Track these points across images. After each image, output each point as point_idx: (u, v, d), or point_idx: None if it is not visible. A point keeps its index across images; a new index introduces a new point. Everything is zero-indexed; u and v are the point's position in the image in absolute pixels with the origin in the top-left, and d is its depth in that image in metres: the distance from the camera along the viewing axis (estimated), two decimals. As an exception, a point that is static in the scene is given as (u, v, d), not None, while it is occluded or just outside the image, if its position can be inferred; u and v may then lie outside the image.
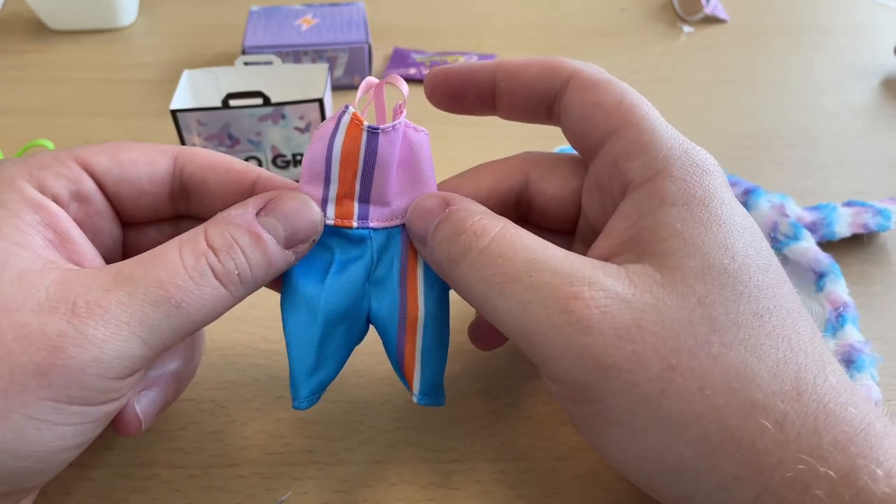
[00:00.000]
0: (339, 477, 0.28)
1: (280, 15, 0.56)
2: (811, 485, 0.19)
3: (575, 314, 0.20)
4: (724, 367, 0.20)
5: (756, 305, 0.21)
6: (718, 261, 0.21)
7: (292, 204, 0.24)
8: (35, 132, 0.49)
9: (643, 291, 0.21)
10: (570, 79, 0.24)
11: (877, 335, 0.34)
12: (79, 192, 0.24)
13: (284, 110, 0.41)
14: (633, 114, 0.23)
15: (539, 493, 0.27)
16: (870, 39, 0.62)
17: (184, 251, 0.22)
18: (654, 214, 0.22)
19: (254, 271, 0.23)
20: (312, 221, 0.24)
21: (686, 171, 0.22)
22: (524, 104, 0.26)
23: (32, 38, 0.62)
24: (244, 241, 0.22)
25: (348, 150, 0.24)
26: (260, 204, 0.23)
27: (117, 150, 0.25)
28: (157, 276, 0.21)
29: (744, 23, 0.65)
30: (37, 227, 0.22)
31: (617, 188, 0.23)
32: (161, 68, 0.58)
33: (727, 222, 0.22)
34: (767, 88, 0.55)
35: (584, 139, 0.25)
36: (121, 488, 0.27)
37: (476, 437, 0.29)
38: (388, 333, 0.26)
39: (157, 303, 0.21)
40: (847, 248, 0.39)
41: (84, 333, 0.20)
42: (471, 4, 0.69)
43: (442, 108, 0.27)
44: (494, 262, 0.22)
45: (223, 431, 0.30)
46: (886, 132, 0.50)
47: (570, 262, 0.21)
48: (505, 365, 0.32)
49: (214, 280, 0.22)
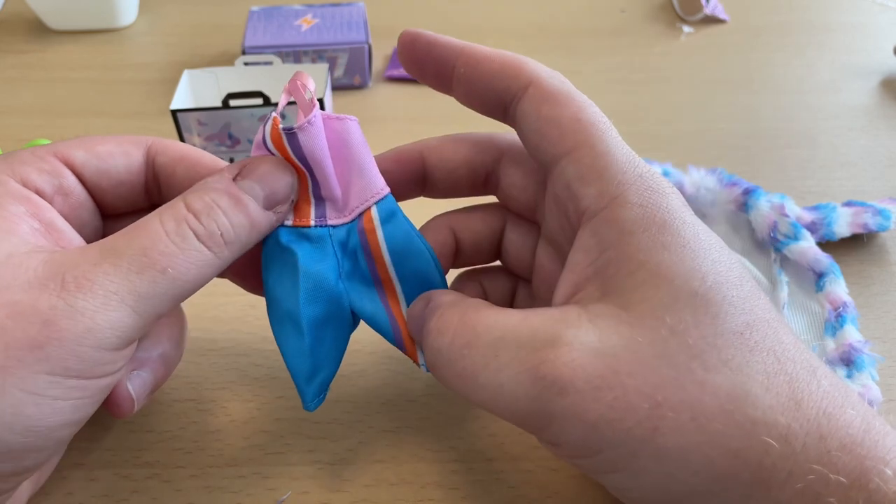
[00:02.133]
0: (339, 477, 0.28)
1: (280, 15, 0.56)
2: (823, 493, 0.19)
3: (547, 379, 0.20)
4: (713, 392, 0.19)
5: (734, 322, 0.20)
6: (687, 286, 0.20)
7: (267, 166, 0.24)
8: (35, 132, 0.49)
9: (610, 334, 0.20)
10: (529, 85, 0.23)
11: (877, 335, 0.34)
12: (61, 186, 0.24)
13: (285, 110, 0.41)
14: (590, 134, 0.22)
15: (539, 493, 0.27)
16: (870, 39, 0.62)
17: (164, 218, 0.22)
18: (616, 246, 0.21)
19: (237, 231, 0.23)
20: (288, 181, 0.24)
21: (642, 195, 0.22)
22: (479, 97, 0.25)
23: (32, 38, 0.62)
24: (224, 203, 0.23)
25: (281, 151, 0.24)
26: (235, 170, 0.24)
27: (93, 143, 0.25)
28: (141, 245, 0.21)
29: (744, 23, 0.65)
30: (23, 217, 0.22)
31: (572, 213, 0.23)
32: (161, 68, 0.58)
33: (691, 243, 0.21)
34: (767, 88, 0.55)
35: (539, 153, 0.24)
36: (121, 488, 0.27)
37: (476, 437, 0.29)
38: (382, 327, 0.26)
39: (143, 270, 0.21)
40: (847, 248, 0.39)
41: (74, 306, 0.20)
42: (471, 4, 0.69)
43: (407, 71, 0.26)
44: (461, 355, 0.22)
45: (223, 431, 0.30)
46: (886, 132, 0.50)
47: (529, 326, 0.21)
48: (505, 365, 0.32)
49: (197, 242, 0.22)
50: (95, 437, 0.29)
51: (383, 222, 0.25)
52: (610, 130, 0.23)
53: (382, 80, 0.56)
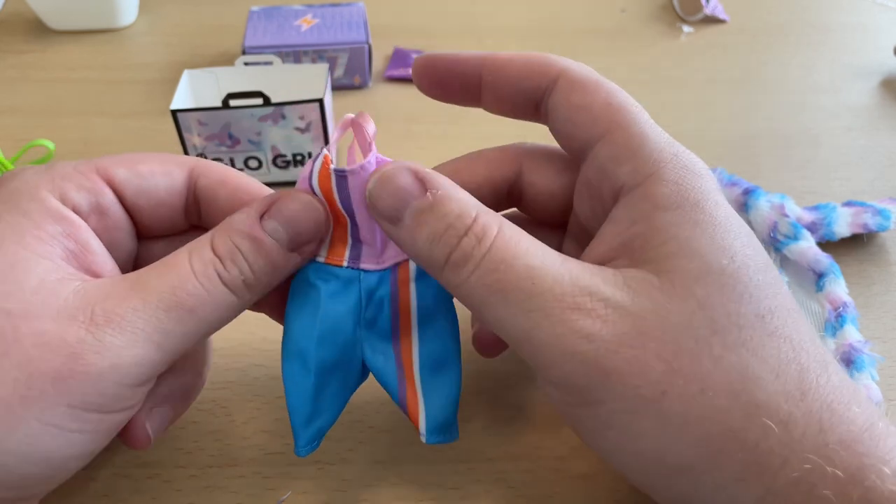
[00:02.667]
0: (339, 477, 0.28)
1: (280, 15, 0.56)
2: (818, 485, 0.19)
3: (577, 323, 0.20)
4: (725, 369, 0.20)
5: (757, 306, 0.20)
6: (717, 262, 0.21)
7: (294, 205, 0.23)
8: (35, 132, 0.49)
9: (642, 297, 0.20)
10: (558, 77, 0.24)
11: (876, 335, 0.34)
12: (99, 204, 0.24)
13: (285, 110, 0.41)
14: (622, 116, 0.23)
15: (539, 493, 0.27)
16: (870, 39, 0.62)
17: (193, 258, 0.22)
18: (648, 219, 0.22)
19: (258, 276, 0.23)
20: (316, 221, 0.24)
21: (678, 174, 0.22)
22: (510, 100, 0.25)
23: (32, 38, 0.62)
24: (246, 248, 0.23)
25: (325, 193, 0.24)
26: (263, 207, 0.23)
27: (136, 161, 0.25)
28: (170, 283, 0.21)
29: (744, 23, 0.65)
30: (58, 238, 0.22)
31: (607, 193, 0.23)
32: (161, 68, 0.58)
33: (723, 223, 0.21)
34: (767, 88, 0.55)
35: (572, 141, 0.24)
36: (122, 488, 0.27)
37: (476, 438, 0.29)
38: (388, 384, 0.25)
39: (171, 309, 0.21)
40: (847, 248, 0.39)
41: (102, 341, 0.20)
42: (471, 4, 0.69)
43: (428, 95, 0.26)
44: (496, 268, 0.21)
45: (223, 431, 0.30)
46: (886, 132, 0.50)
47: (569, 270, 0.21)
48: (505, 366, 0.32)
49: (223, 286, 0.22)
50: (95, 437, 0.29)
51: (418, 278, 0.25)
52: (642, 113, 0.23)
53: (382, 80, 0.56)
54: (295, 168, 0.44)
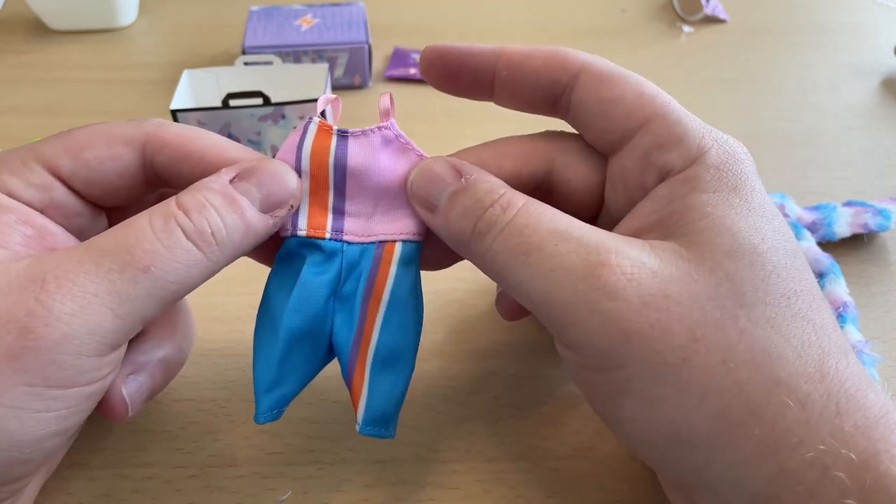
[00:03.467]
0: (339, 477, 0.28)
1: (280, 15, 0.56)
2: (831, 467, 0.19)
3: (601, 280, 0.20)
4: (749, 343, 0.20)
5: (784, 286, 0.21)
6: (748, 241, 0.21)
7: (268, 168, 0.23)
8: (35, 132, 0.49)
9: (669, 264, 0.21)
10: (580, 73, 0.24)
11: (877, 335, 0.34)
12: (52, 199, 0.23)
13: (284, 110, 0.41)
14: (658, 106, 0.23)
15: (539, 493, 0.27)
16: (869, 39, 0.62)
17: (153, 215, 0.21)
18: (685, 199, 0.22)
19: (230, 232, 0.22)
20: (288, 185, 0.23)
21: (720, 159, 0.22)
22: (527, 96, 0.25)
23: (32, 38, 0.62)
24: (218, 202, 0.22)
25: (317, 157, 0.24)
26: (234, 172, 0.23)
27: (80, 147, 0.23)
28: (125, 241, 0.20)
29: (744, 23, 0.65)
30: (13, 226, 0.22)
31: (651, 180, 0.23)
32: (161, 68, 0.58)
33: (757, 208, 0.22)
34: (767, 88, 0.55)
35: (606, 134, 0.24)
36: (122, 488, 0.27)
37: (476, 437, 0.29)
38: (342, 355, 0.25)
39: (124, 268, 0.20)
40: (847, 248, 0.39)
41: (51, 309, 0.19)
42: (471, 4, 0.69)
43: (437, 87, 0.26)
44: (520, 232, 0.21)
45: (223, 431, 0.30)
46: (886, 132, 0.50)
47: (595, 234, 0.21)
48: (505, 365, 0.32)
49: (185, 240, 0.21)
50: (95, 437, 0.29)
51: (401, 263, 0.25)
52: (673, 101, 0.24)
53: (382, 80, 0.56)
54: (295, 168, 0.44)
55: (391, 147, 0.24)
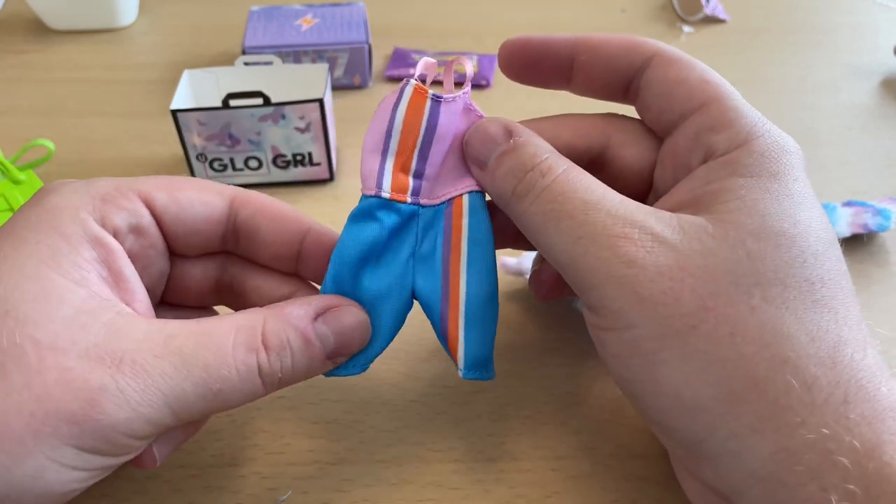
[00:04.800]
0: (339, 477, 0.28)
1: (280, 15, 0.56)
2: (834, 451, 0.19)
3: (622, 249, 0.21)
4: (760, 319, 0.20)
5: (810, 272, 0.21)
6: (777, 224, 0.21)
7: (349, 319, 0.24)
8: (35, 132, 0.49)
9: (692, 239, 0.21)
10: (654, 56, 0.25)
11: (877, 335, 0.34)
12: (138, 225, 0.24)
13: (285, 110, 0.41)
14: (719, 91, 0.24)
15: (539, 493, 0.27)
16: (870, 39, 0.62)
17: (237, 340, 0.22)
18: (722, 181, 0.22)
19: (294, 375, 0.23)
20: (362, 340, 0.25)
21: (766, 146, 0.23)
22: (603, 79, 0.26)
23: (32, 38, 0.62)
24: (296, 346, 0.23)
25: (410, 120, 0.25)
26: (321, 308, 0.24)
27: (176, 187, 0.25)
28: (205, 359, 0.21)
29: (744, 23, 0.65)
30: (93, 264, 0.22)
31: (696, 161, 0.24)
32: (161, 68, 0.58)
33: (795, 196, 0.22)
34: (767, 88, 0.55)
35: (665, 114, 0.25)
36: (122, 488, 0.27)
37: (476, 437, 0.29)
38: (433, 310, 0.26)
39: (199, 385, 0.21)
40: (847, 248, 0.38)
41: (124, 393, 0.20)
42: (471, 4, 0.69)
43: (514, 78, 0.27)
44: (554, 198, 0.23)
45: (223, 431, 0.30)
46: (886, 132, 0.50)
47: (625, 206, 0.22)
48: (505, 365, 0.32)
49: (257, 377, 0.22)
50: (95, 437, 0.29)
51: (471, 212, 0.26)
52: (734, 90, 0.24)
53: (382, 80, 0.56)
54: (295, 168, 0.44)
55: (465, 112, 0.26)
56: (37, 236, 0.22)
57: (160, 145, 0.48)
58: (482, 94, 0.55)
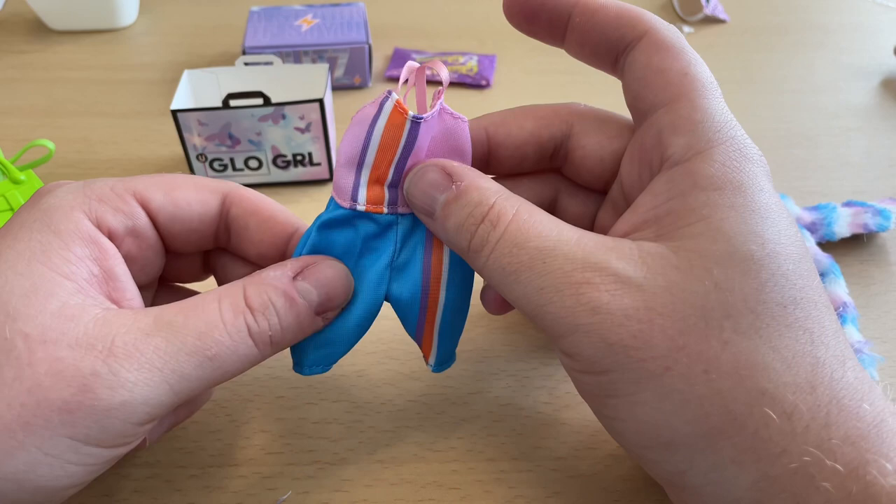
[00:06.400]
0: (339, 477, 0.28)
1: (280, 15, 0.56)
2: (817, 476, 0.19)
3: (585, 297, 0.21)
4: (733, 354, 0.20)
5: (781, 295, 0.20)
6: (745, 247, 0.20)
7: (329, 272, 0.24)
8: (35, 132, 0.49)
9: (656, 274, 0.20)
10: (644, 35, 0.23)
11: (877, 335, 0.34)
12: (134, 227, 0.24)
13: (285, 110, 0.41)
14: (692, 88, 0.23)
15: (539, 493, 0.27)
16: (870, 39, 0.62)
17: (223, 306, 0.22)
18: (684, 197, 0.21)
19: (284, 333, 0.23)
20: (346, 290, 0.25)
21: (728, 156, 0.22)
22: (593, 46, 0.25)
23: (32, 38, 0.62)
24: (280, 304, 0.23)
25: (388, 137, 0.24)
26: (298, 268, 0.24)
27: (171, 186, 0.25)
28: (196, 327, 0.21)
29: (744, 23, 0.65)
30: (84, 261, 0.22)
31: (656, 160, 0.23)
32: (161, 68, 0.58)
33: (761, 210, 0.21)
34: (767, 88, 0.55)
35: (639, 102, 0.24)
36: (122, 488, 0.27)
37: (476, 437, 0.29)
38: (409, 315, 0.26)
39: (193, 354, 0.21)
40: (847, 248, 0.39)
41: (118, 375, 0.20)
42: (471, 4, 0.69)
43: (514, 25, 0.26)
44: (510, 251, 0.22)
45: (223, 431, 0.30)
46: (886, 132, 0.50)
47: (582, 247, 0.21)
48: (505, 365, 0.32)
49: (249, 338, 0.22)
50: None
51: None
52: (714, 91, 0.23)
53: (382, 80, 0.56)
54: (295, 168, 0.44)
55: (440, 116, 0.25)
56: (30, 234, 0.22)
57: (160, 145, 0.48)
58: (482, 94, 0.55)
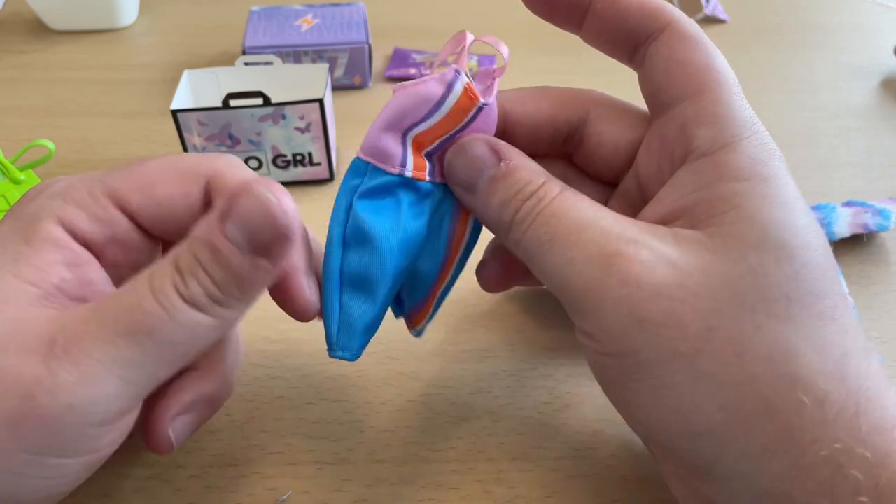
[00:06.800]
0: (339, 477, 0.28)
1: (280, 15, 0.56)
2: (846, 465, 0.19)
3: (616, 268, 0.20)
4: (766, 338, 0.19)
5: (812, 285, 0.20)
6: (779, 235, 0.20)
7: (249, 203, 0.20)
8: (35, 132, 0.49)
9: (690, 254, 0.20)
10: (667, 26, 0.23)
11: (877, 335, 0.34)
12: (114, 235, 0.23)
13: (285, 110, 0.41)
14: (717, 81, 0.23)
15: (539, 493, 0.27)
16: (870, 39, 0.62)
17: (154, 274, 0.20)
18: (714, 187, 0.21)
19: (223, 289, 0.20)
20: (269, 217, 0.20)
21: (754, 148, 0.22)
22: (612, 34, 0.24)
23: (32, 38, 0.62)
24: (205, 258, 0.20)
25: (452, 117, 0.23)
26: (224, 209, 0.20)
27: (150, 181, 0.23)
28: (127, 303, 0.19)
29: (744, 23, 0.65)
30: (55, 266, 0.21)
31: (678, 152, 0.23)
32: (161, 68, 0.58)
33: (790, 202, 0.21)
34: (767, 88, 0.55)
35: (661, 93, 0.24)
36: (122, 488, 0.27)
37: (476, 437, 0.29)
38: (419, 286, 0.26)
39: (129, 333, 0.19)
40: (847, 248, 0.39)
41: (57, 377, 0.18)
42: (471, 4, 0.69)
43: (532, 9, 0.26)
44: (547, 221, 0.22)
45: (223, 431, 0.30)
46: (886, 132, 0.50)
47: (620, 224, 0.21)
48: (505, 365, 0.32)
49: (183, 304, 0.20)
50: (95, 437, 0.29)
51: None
52: (736, 86, 0.23)
53: (382, 80, 0.56)
54: (295, 168, 0.44)
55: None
56: (4, 246, 0.21)
57: (160, 145, 0.48)
58: (482, 94, 0.55)
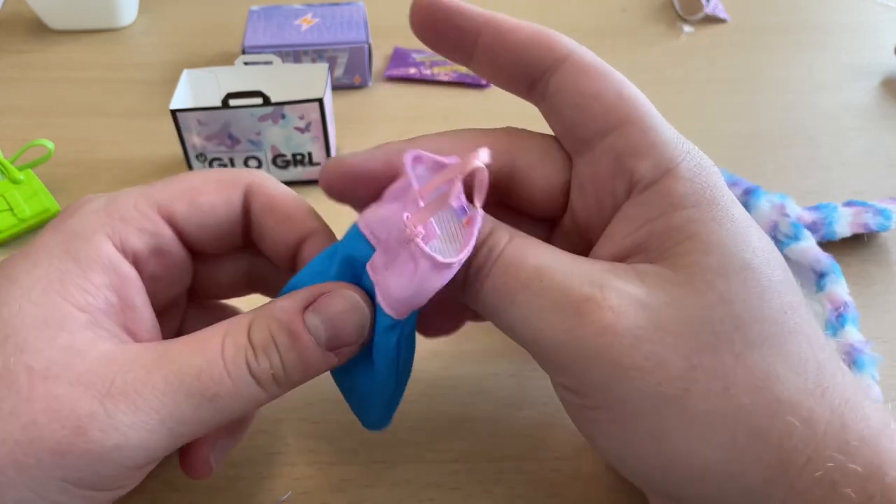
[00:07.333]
0: (339, 477, 0.28)
1: (280, 15, 0.56)
2: (840, 482, 0.19)
3: (588, 317, 0.19)
4: (748, 366, 0.19)
5: (779, 302, 0.20)
6: (739, 256, 0.20)
7: (339, 305, 0.22)
8: (35, 132, 0.49)
9: (658, 292, 0.20)
10: (566, 59, 0.22)
11: (877, 335, 0.34)
12: (158, 246, 0.23)
13: (284, 110, 0.41)
14: (636, 109, 0.22)
15: (539, 493, 0.27)
16: (870, 39, 0.62)
17: (226, 342, 0.21)
18: (664, 218, 0.21)
19: (288, 372, 0.22)
20: (359, 325, 0.22)
21: (692, 170, 0.21)
22: (503, 67, 0.23)
23: (32, 38, 0.62)
24: (282, 341, 0.21)
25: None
26: (308, 298, 0.22)
27: (195, 191, 0.24)
28: (197, 366, 0.20)
29: (744, 23, 0.65)
30: (102, 290, 0.21)
31: (620, 188, 0.22)
32: (161, 68, 0.58)
33: (740, 220, 0.21)
34: (767, 88, 0.55)
35: (578, 129, 0.23)
36: (121, 488, 0.27)
37: (476, 437, 0.29)
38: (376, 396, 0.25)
39: (192, 395, 0.20)
40: (847, 248, 0.39)
41: (113, 417, 0.19)
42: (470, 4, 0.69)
43: (422, 38, 0.25)
44: (505, 271, 0.21)
45: (223, 431, 0.30)
46: (886, 132, 0.50)
47: (579, 268, 0.21)
48: (505, 365, 0.32)
49: (250, 377, 0.21)
50: (95, 437, 0.29)
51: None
52: (652, 106, 0.23)
53: (382, 80, 0.56)
54: (295, 167, 0.44)
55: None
56: (49, 260, 0.21)
57: (160, 145, 0.48)
58: (482, 93, 0.54)
